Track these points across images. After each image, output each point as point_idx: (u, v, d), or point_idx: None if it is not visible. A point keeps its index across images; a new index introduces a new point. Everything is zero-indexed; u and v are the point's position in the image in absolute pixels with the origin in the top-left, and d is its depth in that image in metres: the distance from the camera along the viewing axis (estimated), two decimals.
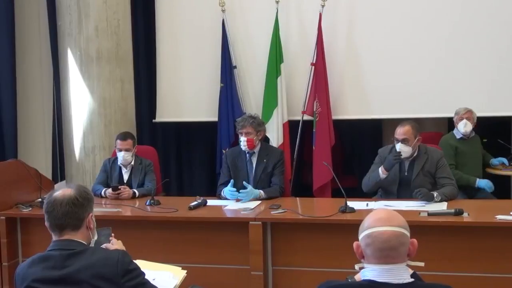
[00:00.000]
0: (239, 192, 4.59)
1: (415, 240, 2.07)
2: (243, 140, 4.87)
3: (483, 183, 5.27)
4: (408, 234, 2.06)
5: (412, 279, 2.03)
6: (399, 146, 4.52)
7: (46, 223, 2.45)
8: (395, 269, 2.02)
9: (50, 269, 2.35)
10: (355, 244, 2.11)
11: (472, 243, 3.78)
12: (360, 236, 2.09)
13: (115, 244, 2.69)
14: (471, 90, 5.92)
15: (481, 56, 5.91)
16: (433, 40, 5.99)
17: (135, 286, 2.38)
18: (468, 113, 5.47)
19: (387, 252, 2.02)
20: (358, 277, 2.20)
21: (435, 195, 4.29)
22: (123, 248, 2.66)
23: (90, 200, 2.51)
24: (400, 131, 4.56)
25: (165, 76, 6.66)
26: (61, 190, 2.47)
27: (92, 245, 2.52)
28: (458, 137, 5.51)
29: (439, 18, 5.99)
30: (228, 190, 4.67)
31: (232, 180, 4.71)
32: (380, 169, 4.52)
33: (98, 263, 2.35)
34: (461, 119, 5.46)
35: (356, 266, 2.13)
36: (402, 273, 2.03)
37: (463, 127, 5.42)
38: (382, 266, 2.02)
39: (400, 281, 2.01)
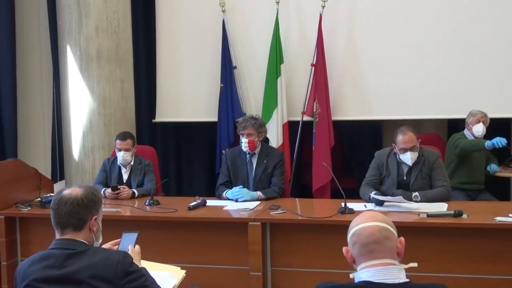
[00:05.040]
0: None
1: (402, 238, 2.07)
2: (244, 141, 4.86)
3: (491, 143, 5.07)
4: (394, 231, 2.06)
5: (408, 280, 2.03)
6: (409, 155, 4.41)
7: (51, 219, 2.45)
8: (390, 269, 2.01)
9: (50, 268, 2.35)
10: (344, 249, 2.11)
11: (471, 244, 3.77)
12: (348, 240, 2.10)
13: (133, 250, 2.70)
14: (472, 92, 5.92)
15: (482, 58, 5.91)
16: (434, 42, 5.99)
17: None
18: (484, 117, 5.43)
19: (372, 246, 2.02)
20: None
21: (413, 195, 4.29)
22: (137, 259, 2.65)
23: (96, 202, 2.49)
24: (407, 139, 4.40)
25: (165, 76, 6.66)
26: (70, 189, 2.47)
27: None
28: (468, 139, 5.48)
29: (440, 20, 5.99)
30: (231, 192, 4.65)
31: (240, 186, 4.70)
32: (372, 194, 4.29)
33: (98, 264, 2.34)
34: (478, 121, 5.40)
35: (351, 275, 2.12)
36: (398, 273, 2.02)
37: (481, 130, 5.37)
38: (375, 262, 2.01)
39: (396, 281, 2.00)
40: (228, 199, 4.66)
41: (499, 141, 5.03)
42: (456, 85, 5.96)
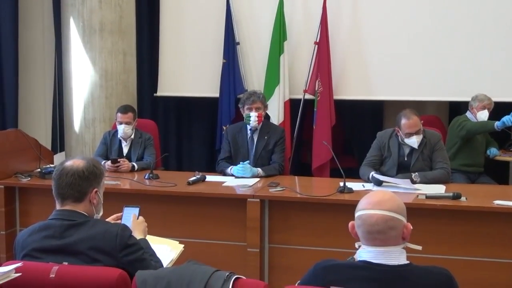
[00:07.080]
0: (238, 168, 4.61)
1: (409, 224, 2.07)
2: (253, 115, 4.83)
3: (501, 122, 4.98)
4: (402, 217, 2.06)
5: (408, 262, 2.04)
6: (415, 139, 4.40)
7: (52, 190, 2.47)
8: (391, 252, 2.03)
9: (50, 239, 2.37)
10: (350, 224, 2.13)
11: (469, 227, 3.79)
12: (355, 217, 2.11)
13: (136, 223, 2.72)
14: (474, 75, 5.90)
15: (485, 41, 5.88)
16: (438, 23, 5.95)
17: (133, 261, 2.39)
18: (490, 104, 5.37)
19: (374, 235, 2.03)
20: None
21: (413, 175, 4.30)
22: (141, 229, 2.70)
23: (98, 175, 2.50)
24: (412, 123, 4.39)
25: (168, 50, 6.63)
26: (72, 160, 2.48)
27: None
28: None
29: (444, 2, 5.95)
30: (237, 169, 4.62)
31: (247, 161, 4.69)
32: (371, 174, 4.31)
33: (97, 236, 2.36)
34: (483, 108, 5.36)
35: (356, 244, 2.15)
36: (398, 256, 2.04)
37: (485, 118, 5.31)
38: (377, 248, 2.04)
39: (396, 263, 2.02)
40: (233, 175, 4.65)
41: (509, 119, 4.96)
42: (460, 67, 5.93)
